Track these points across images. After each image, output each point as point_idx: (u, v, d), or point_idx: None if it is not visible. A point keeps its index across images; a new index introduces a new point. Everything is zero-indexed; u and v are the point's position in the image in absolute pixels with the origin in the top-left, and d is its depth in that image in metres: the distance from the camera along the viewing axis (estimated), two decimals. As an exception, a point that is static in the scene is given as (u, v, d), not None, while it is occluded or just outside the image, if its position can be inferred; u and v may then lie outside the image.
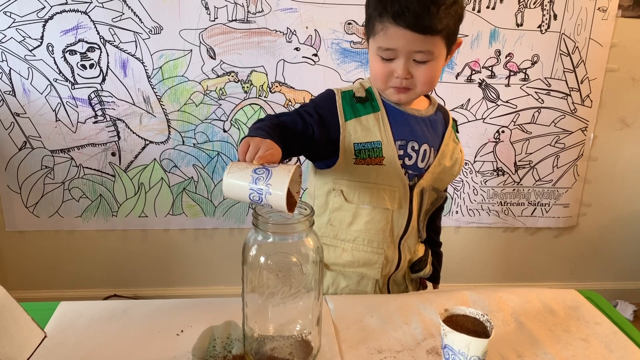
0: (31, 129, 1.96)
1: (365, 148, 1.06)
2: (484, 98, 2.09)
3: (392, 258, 1.14)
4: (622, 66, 2.11)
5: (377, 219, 1.10)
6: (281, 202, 0.74)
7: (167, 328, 0.94)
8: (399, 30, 0.96)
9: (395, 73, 1.01)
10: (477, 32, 2.00)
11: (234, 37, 1.92)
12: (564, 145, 2.19)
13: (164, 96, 1.97)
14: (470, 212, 2.25)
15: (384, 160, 1.06)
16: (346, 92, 1.09)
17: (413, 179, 1.11)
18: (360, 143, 1.06)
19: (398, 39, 0.97)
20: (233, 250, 2.20)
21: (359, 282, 1.15)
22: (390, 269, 1.15)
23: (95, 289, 2.21)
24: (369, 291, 1.16)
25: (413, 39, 0.96)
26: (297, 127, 1.04)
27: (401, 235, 1.13)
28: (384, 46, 0.99)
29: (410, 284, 1.22)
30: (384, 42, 0.99)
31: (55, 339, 0.89)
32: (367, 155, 1.06)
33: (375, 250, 1.12)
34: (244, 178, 0.76)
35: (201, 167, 2.07)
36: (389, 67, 1.01)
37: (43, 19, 1.84)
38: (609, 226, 2.36)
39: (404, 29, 0.95)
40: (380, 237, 1.11)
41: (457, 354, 0.79)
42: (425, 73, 1.01)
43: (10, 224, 2.08)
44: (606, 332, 0.98)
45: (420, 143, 1.09)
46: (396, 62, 1.00)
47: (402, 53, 0.99)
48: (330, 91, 1.10)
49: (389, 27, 0.97)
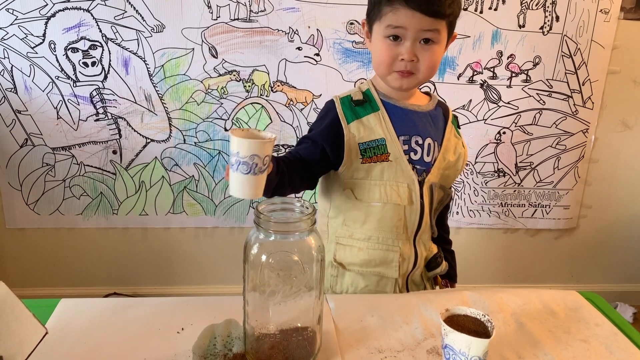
0: (32, 126, 1.96)
1: (370, 147, 1.07)
2: (486, 99, 2.09)
3: (409, 255, 1.14)
4: (624, 68, 2.11)
5: (389, 216, 1.10)
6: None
7: (167, 326, 0.94)
8: (408, 12, 0.98)
9: (401, 55, 1.03)
10: (479, 33, 2.00)
11: (236, 36, 1.93)
12: (565, 147, 2.19)
13: (165, 94, 1.97)
14: (470, 213, 2.25)
15: (390, 156, 1.07)
16: (344, 98, 1.12)
17: (422, 174, 1.12)
18: (364, 142, 1.07)
19: (408, 18, 0.99)
20: (233, 249, 2.20)
21: (378, 282, 1.15)
22: (408, 267, 1.15)
23: (96, 286, 2.21)
24: (388, 291, 1.16)
25: (422, 19, 0.99)
26: (314, 156, 1.08)
27: (415, 232, 1.14)
28: (394, 24, 1.01)
29: (427, 283, 1.23)
30: (393, 20, 1.01)
31: (56, 336, 0.89)
32: (373, 153, 1.08)
33: (391, 247, 1.12)
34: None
35: (202, 165, 2.07)
36: (395, 50, 1.03)
37: (45, 16, 1.84)
38: (610, 228, 2.36)
39: (415, 10, 0.98)
40: (394, 234, 1.12)
41: (457, 353, 0.79)
42: (430, 57, 1.03)
43: (11, 221, 2.08)
44: (606, 334, 0.98)
45: (424, 137, 1.11)
46: (403, 44, 1.02)
47: (410, 33, 1.01)
48: (330, 102, 1.13)
49: (399, 8, 0.99)
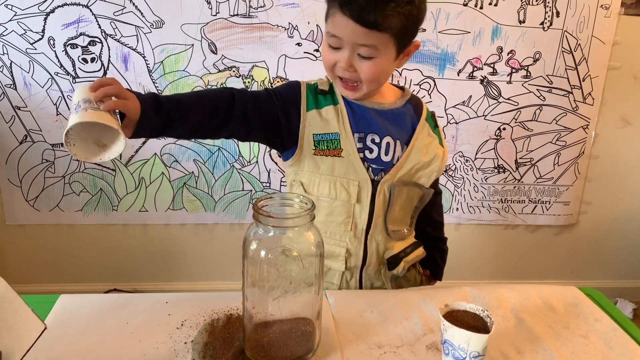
0: (32, 123, 1.96)
1: (324, 139, 1.07)
2: (486, 95, 2.09)
3: (356, 252, 1.12)
4: (624, 64, 2.11)
5: (337, 212, 1.09)
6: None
7: (167, 321, 0.94)
8: (343, 19, 0.95)
9: (338, 63, 1.01)
10: (479, 29, 1.99)
11: (236, 32, 1.92)
12: (565, 143, 2.19)
13: (165, 91, 1.96)
14: (470, 209, 2.25)
15: (343, 152, 1.07)
16: (311, 85, 1.12)
17: (379, 174, 1.09)
18: (319, 134, 1.07)
19: (343, 27, 0.96)
20: (233, 246, 2.20)
21: (325, 273, 1.13)
22: (357, 263, 1.13)
23: (95, 283, 2.22)
24: (335, 282, 1.14)
25: (357, 31, 0.95)
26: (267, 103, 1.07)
27: (366, 230, 1.11)
28: (331, 32, 0.99)
29: (387, 282, 1.16)
30: (331, 28, 0.99)
31: (55, 331, 0.89)
32: (326, 146, 1.07)
33: (338, 243, 1.11)
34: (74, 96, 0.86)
35: (202, 162, 2.07)
36: (335, 56, 1.01)
37: (44, 12, 1.83)
38: (610, 224, 2.36)
39: (348, 18, 0.94)
40: (341, 229, 1.10)
41: (456, 349, 0.79)
42: (369, 69, 1.00)
43: (11, 217, 2.08)
44: (606, 329, 0.98)
45: (381, 136, 1.09)
46: (341, 53, 1.00)
47: (346, 44, 0.98)
48: (297, 82, 1.12)
49: (336, 13, 0.96)
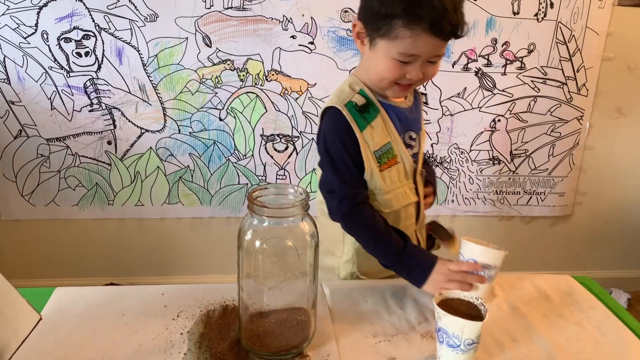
0: (26, 117, 1.95)
1: (383, 152, 1.05)
2: (480, 87, 2.09)
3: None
4: (619, 55, 2.11)
5: (403, 216, 1.12)
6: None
7: (163, 313, 0.94)
8: (431, 39, 0.93)
9: (409, 75, 0.99)
10: (473, 21, 1.99)
11: (230, 25, 1.91)
12: (560, 134, 2.19)
13: (159, 84, 1.96)
14: (466, 201, 2.25)
15: (397, 157, 1.07)
16: (348, 104, 1.03)
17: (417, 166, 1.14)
18: (377, 150, 1.04)
19: (426, 45, 0.94)
20: (229, 239, 2.20)
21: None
22: None
23: (92, 277, 2.21)
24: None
25: (440, 44, 0.96)
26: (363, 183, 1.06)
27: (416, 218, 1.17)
28: (409, 52, 0.95)
29: None
30: (411, 48, 0.94)
31: (51, 323, 0.89)
32: (387, 158, 1.06)
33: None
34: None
35: (197, 155, 2.07)
36: (405, 69, 0.98)
37: (37, 6, 1.82)
38: (604, 215, 2.37)
39: (436, 38, 0.93)
40: (411, 230, 1.14)
41: (451, 336, 0.79)
42: (434, 71, 1.02)
43: (6, 212, 2.08)
44: (600, 317, 0.99)
45: (416, 131, 1.13)
46: (413, 65, 0.98)
47: (423, 58, 0.97)
48: (333, 111, 1.04)
49: (420, 34, 0.92)
